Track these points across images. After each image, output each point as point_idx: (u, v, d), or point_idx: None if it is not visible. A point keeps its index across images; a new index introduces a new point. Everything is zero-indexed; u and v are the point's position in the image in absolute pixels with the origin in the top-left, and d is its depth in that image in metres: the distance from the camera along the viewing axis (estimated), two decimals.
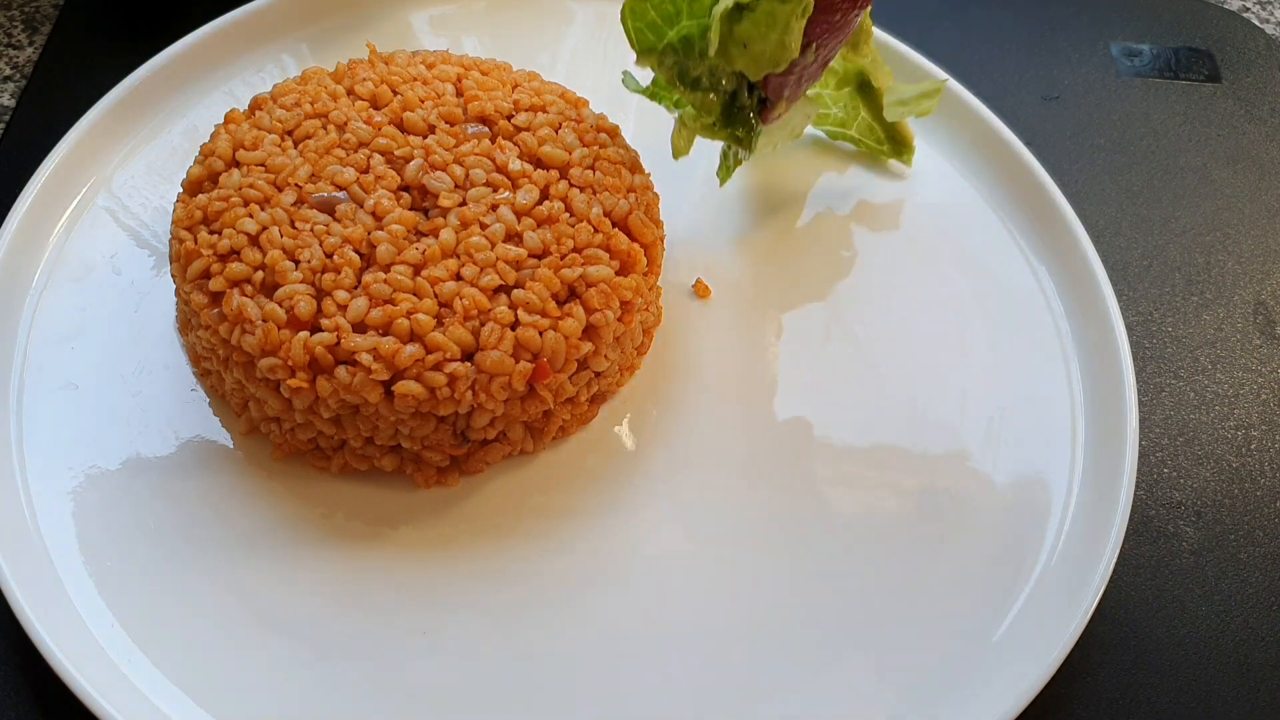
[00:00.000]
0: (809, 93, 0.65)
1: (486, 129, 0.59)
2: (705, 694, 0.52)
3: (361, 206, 0.55)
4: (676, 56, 0.60)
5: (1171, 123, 0.80)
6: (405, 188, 0.57)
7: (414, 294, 0.53)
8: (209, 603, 0.52)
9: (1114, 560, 0.54)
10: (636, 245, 0.57)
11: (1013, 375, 0.62)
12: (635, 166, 0.60)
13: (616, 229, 0.57)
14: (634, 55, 0.60)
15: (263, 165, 0.57)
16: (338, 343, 0.52)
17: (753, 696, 0.52)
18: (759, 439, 0.60)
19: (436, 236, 0.55)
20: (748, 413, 0.61)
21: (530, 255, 0.55)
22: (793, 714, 0.52)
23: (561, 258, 0.55)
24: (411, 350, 0.52)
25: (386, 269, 0.54)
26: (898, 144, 0.70)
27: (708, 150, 0.66)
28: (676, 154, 0.63)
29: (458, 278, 0.54)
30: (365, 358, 0.52)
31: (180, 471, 0.56)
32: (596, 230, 0.56)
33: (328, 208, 0.55)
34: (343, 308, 0.53)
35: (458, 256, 0.54)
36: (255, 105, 0.60)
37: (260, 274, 0.54)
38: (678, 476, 0.58)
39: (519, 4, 0.76)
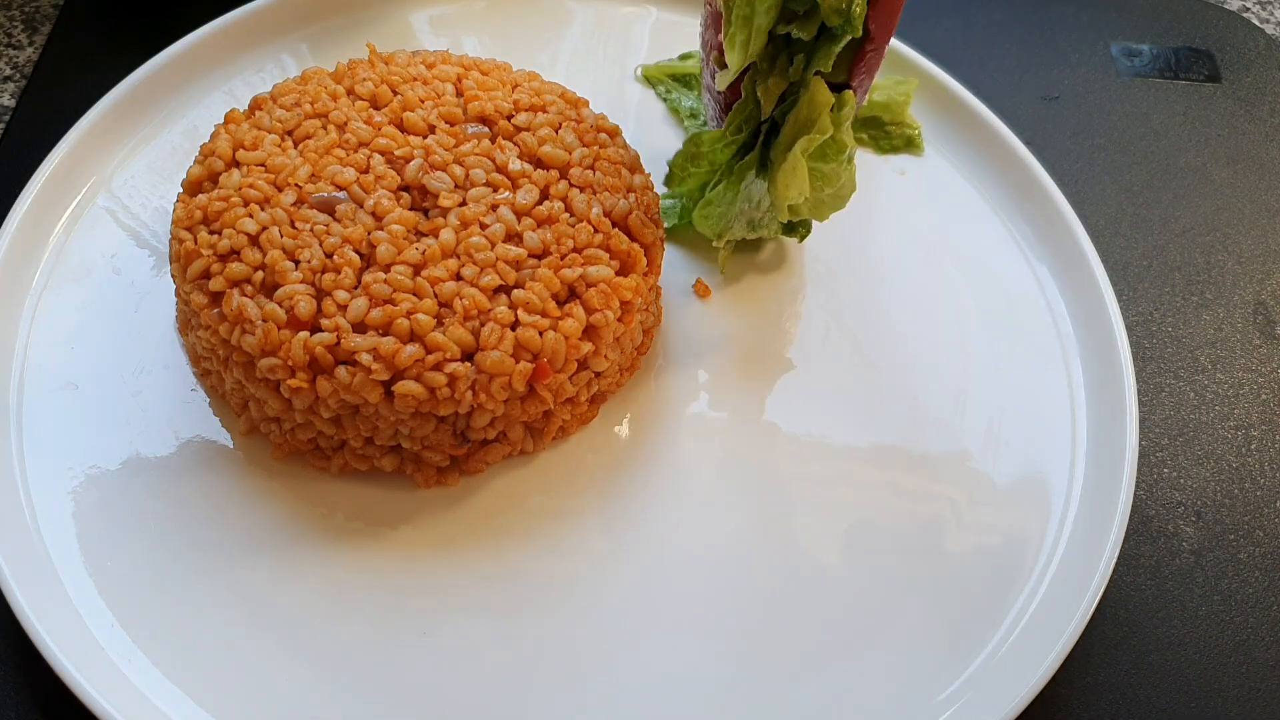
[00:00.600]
0: None
1: (486, 129, 0.59)
2: (705, 694, 0.52)
3: (361, 206, 0.55)
4: (741, 218, 0.62)
5: (1171, 123, 0.80)
6: (405, 188, 0.57)
7: (414, 294, 0.53)
8: (209, 603, 0.52)
9: (1114, 560, 0.55)
10: (636, 245, 0.57)
11: (1013, 375, 0.62)
12: (635, 166, 0.60)
13: (616, 229, 0.57)
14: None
15: (263, 165, 0.57)
16: (338, 343, 0.52)
17: (753, 697, 0.52)
18: (759, 439, 0.60)
19: (436, 236, 0.55)
20: (748, 413, 0.61)
21: (530, 255, 0.55)
22: (793, 714, 0.52)
23: (561, 258, 0.55)
24: (411, 350, 0.52)
25: (386, 269, 0.54)
26: (904, 138, 0.71)
27: None
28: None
29: (458, 278, 0.54)
30: (365, 358, 0.52)
31: (180, 471, 0.56)
32: (596, 230, 0.56)
33: (328, 208, 0.55)
34: (343, 308, 0.53)
35: (458, 256, 0.54)
36: (255, 105, 0.60)
37: (260, 274, 0.54)
38: (677, 477, 0.58)
39: (519, 4, 0.76)
